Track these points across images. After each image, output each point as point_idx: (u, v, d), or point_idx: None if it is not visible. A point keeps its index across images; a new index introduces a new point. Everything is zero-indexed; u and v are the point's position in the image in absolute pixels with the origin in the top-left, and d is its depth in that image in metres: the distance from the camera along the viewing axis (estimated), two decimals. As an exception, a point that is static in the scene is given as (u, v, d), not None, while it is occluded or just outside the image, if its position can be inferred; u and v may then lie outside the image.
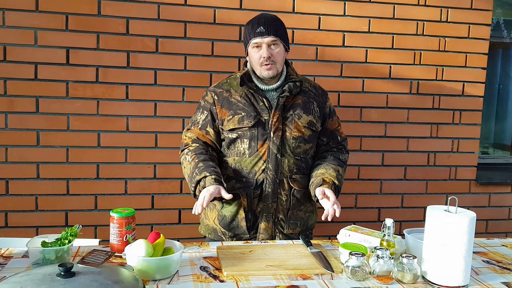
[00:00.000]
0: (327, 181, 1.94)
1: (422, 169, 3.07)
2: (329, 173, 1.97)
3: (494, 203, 3.22)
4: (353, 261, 1.50)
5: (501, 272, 1.64)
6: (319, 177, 1.96)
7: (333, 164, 2.03)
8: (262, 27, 1.93)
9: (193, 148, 2.00)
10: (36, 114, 2.57)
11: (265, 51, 1.94)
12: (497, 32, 3.31)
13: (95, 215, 2.68)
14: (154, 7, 2.63)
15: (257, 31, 1.94)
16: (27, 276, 1.19)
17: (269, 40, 1.94)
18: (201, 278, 1.47)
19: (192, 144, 2.02)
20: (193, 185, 1.89)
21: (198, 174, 1.87)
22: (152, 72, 2.67)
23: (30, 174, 2.60)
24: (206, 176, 1.85)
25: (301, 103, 2.02)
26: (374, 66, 2.92)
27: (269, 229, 1.99)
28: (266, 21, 1.96)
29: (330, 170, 1.99)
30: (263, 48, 1.95)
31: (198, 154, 1.96)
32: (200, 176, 1.86)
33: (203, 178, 1.86)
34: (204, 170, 1.87)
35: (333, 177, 1.96)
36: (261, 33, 1.93)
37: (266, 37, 1.94)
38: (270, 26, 1.94)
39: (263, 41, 1.94)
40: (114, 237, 1.65)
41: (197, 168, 1.89)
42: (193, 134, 2.05)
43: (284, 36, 2.00)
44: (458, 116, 3.07)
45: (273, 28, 1.95)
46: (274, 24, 1.96)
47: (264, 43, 1.95)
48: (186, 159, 1.98)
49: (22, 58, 2.53)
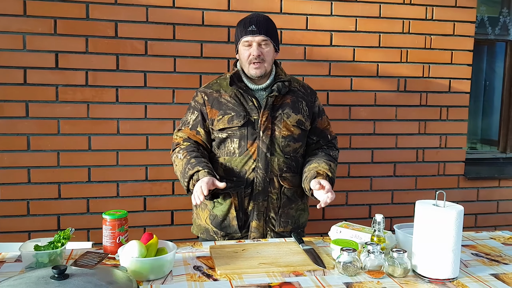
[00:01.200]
0: (320, 173, 1.96)
1: (411, 165, 3.10)
2: (322, 166, 2.00)
3: (483, 197, 3.27)
4: (345, 257, 1.52)
5: (489, 264, 1.67)
6: (312, 171, 1.98)
7: (325, 159, 2.05)
8: (254, 26, 1.96)
9: (184, 146, 2.01)
10: (26, 119, 2.57)
11: (255, 49, 1.97)
12: (481, 29, 3.36)
13: (88, 218, 2.68)
14: (142, 10, 2.64)
15: (248, 29, 1.97)
16: (21, 279, 1.19)
17: (259, 39, 1.97)
18: (195, 278, 1.48)
19: (184, 143, 2.03)
20: (186, 180, 1.90)
21: (191, 169, 1.88)
22: (142, 74, 2.68)
23: (21, 179, 2.59)
24: (199, 170, 1.87)
25: (290, 103, 2.04)
26: (361, 65, 2.95)
27: (260, 228, 2.01)
28: (258, 20, 1.99)
29: (323, 164, 2.01)
30: (254, 47, 1.98)
31: (189, 152, 1.97)
32: (193, 171, 1.87)
33: (196, 172, 1.87)
34: (197, 165, 1.89)
35: (326, 170, 1.98)
36: (252, 32, 1.96)
37: (257, 35, 1.96)
38: (261, 25, 1.98)
39: (254, 39, 1.97)
40: (107, 239, 1.66)
41: (190, 164, 1.91)
42: (184, 133, 2.06)
43: (274, 37, 2.03)
44: (445, 113, 3.11)
45: (265, 27, 1.98)
46: (265, 23, 2.00)
47: (254, 42, 1.97)
48: (178, 157, 1.99)
49: (11, 63, 2.52)
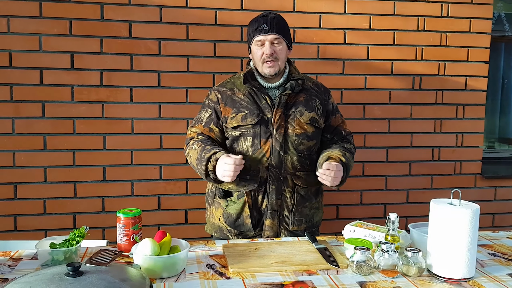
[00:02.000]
0: (333, 157, 1.96)
1: (427, 164, 3.07)
2: (335, 152, 1.99)
3: (500, 196, 3.21)
4: (358, 256, 1.50)
5: (506, 264, 1.64)
6: (324, 156, 1.98)
7: (339, 149, 2.05)
8: (266, 25, 1.96)
9: (198, 139, 2.03)
10: (42, 119, 2.60)
11: (268, 48, 1.97)
12: (499, 26, 3.31)
13: (103, 217, 2.71)
14: (156, 10, 2.65)
15: (260, 29, 1.96)
16: (36, 276, 1.20)
17: (272, 38, 1.97)
18: (208, 276, 1.48)
19: (198, 137, 2.04)
20: (203, 163, 1.89)
21: (207, 153, 1.90)
22: (156, 74, 2.69)
23: (38, 178, 2.63)
24: (216, 152, 1.88)
25: (303, 101, 2.04)
26: (376, 63, 2.93)
27: (274, 226, 2.00)
28: (269, 19, 1.98)
29: (336, 151, 2.01)
30: (266, 45, 1.97)
31: (204, 141, 1.99)
32: (210, 153, 1.89)
33: (213, 154, 1.88)
34: (213, 149, 1.90)
35: (339, 155, 1.97)
36: (264, 31, 1.96)
37: (269, 34, 1.96)
38: (273, 23, 1.97)
39: (266, 38, 1.97)
40: (121, 237, 1.67)
41: (205, 150, 1.92)
42: (198, 129, 2.07)
43: (287, 34, 2.03)
44: (462, 111, 3.07)
45: (276, 26, 1.98)
46: (277, 22, 1.99)
47: (267, 40, 1.97)
48: (192, 148, 2.00)
49: (27, 64, 2.56)
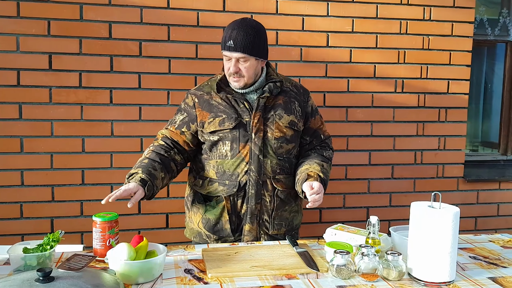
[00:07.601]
0: (311, 175, 1.93)
1: (409, 167, 3.07)
2: (313, 167, 1.97)
3: (483, 200, 3.23)
4: (338, 260, 1.49)
5: (487, 267, 1.64)
6: (303, 173, 1.96)
7: (317, 160, 2.03)
8: (232, 42, 1.89)
9: (157, 144, 2.01)
10: (20, 121, 2.54)
11: (233, 66, 1.92)
12: (481, 30, 3.34)
13: (81, 221, 2.65)
14: (136, 11, 2.62)
15: (226, 45, 1.91)
16: (5, 282, 1.17)
17: (237, 56, 1.90)
18: (185, 281, 1.45)
19: (160, 141, 2.02)
20: (127, 176, 1.87)
21: (134, 168, 1.88)
22: (136, 76, 2.65)
23: (14, 181, 2.57)
24: (138, 173, 1.84)
25: (282, 103, 2.01)
26: (358, 66, 2.93)
27: (253, 231, 1.98)
28: (237, 35, 1.89)
29: (314, 165, 1.98)
30: (232, 62, 1.92)
31: (154, 152, 1.96)
32: (134, 171, 1.86)
33: (134, 173, 1.85)
34: (142, 167, 1.87)
35: (317, 171, 1.95)
36: (229, 48, 1.90)
37: (234, 52, 1.90)
38: (239, 42, 1.89)
39: (232, 55, 1.91)
40: (97, 241, 1.63)
41: (140, 163, 1.91)
42: (167, 132, 2.04)
43: (256, 50, 1.93)
44: (444, 114, 3.08)
45: (242, 44, 1.89)
46: (245, 39, 1.89)
47: (233, 58, 1.92)
48: (145, 151, 1.99)
49: (4, 65, 2.50)
